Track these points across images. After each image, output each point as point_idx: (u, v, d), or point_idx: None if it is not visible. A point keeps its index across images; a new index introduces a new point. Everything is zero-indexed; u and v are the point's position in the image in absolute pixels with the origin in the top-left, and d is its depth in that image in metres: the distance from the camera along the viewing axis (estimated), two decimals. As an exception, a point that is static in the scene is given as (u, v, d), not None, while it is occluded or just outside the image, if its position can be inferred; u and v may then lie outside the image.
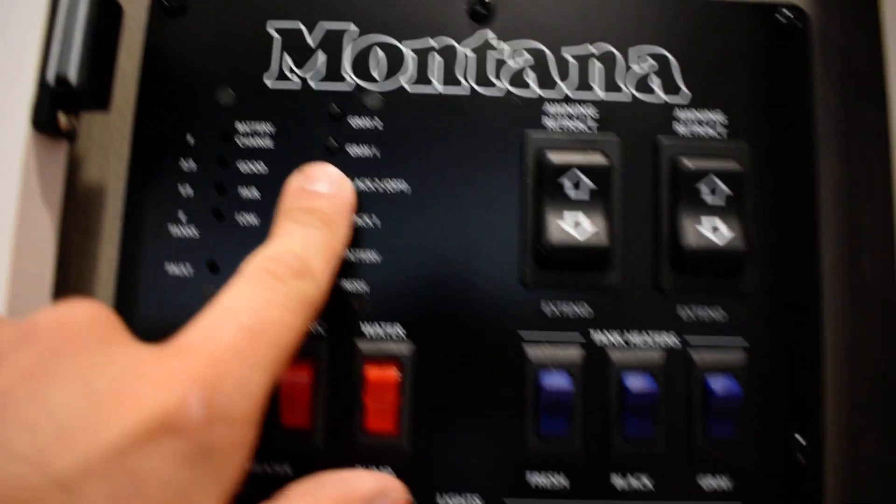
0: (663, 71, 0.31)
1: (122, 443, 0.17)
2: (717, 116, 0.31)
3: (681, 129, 0.31)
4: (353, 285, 0.30)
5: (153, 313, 0.30)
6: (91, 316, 0.19)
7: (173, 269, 0.30)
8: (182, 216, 0.30)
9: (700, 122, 0.31)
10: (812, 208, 0.31)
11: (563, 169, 0.29)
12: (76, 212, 0.31)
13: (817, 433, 0.30)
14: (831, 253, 0.32)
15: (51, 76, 0.26)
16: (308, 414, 0.28)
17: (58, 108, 0.27)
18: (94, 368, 0.18)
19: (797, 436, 0.30)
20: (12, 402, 0.16)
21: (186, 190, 0.30)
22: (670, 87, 0.31)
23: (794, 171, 0.31)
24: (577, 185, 0.29)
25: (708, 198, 0.30)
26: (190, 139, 0.30)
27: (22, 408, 0.16)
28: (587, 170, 0.29)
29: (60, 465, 0.16)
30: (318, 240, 0.26)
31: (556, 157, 0.30)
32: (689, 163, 0.30)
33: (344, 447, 0.29)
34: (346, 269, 0.30)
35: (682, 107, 0.31)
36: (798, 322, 0.30)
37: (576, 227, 0.29)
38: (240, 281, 0.23)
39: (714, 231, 0.29)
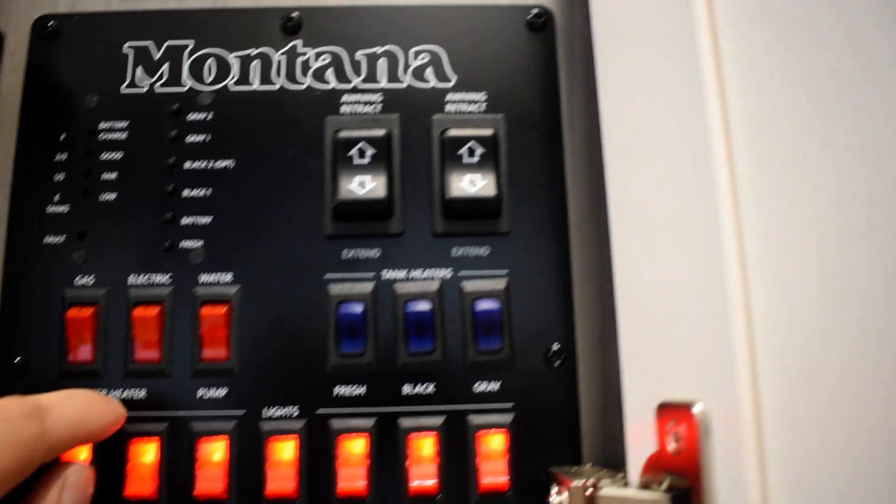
0: (436, 63, 0.39)
1: None
2: (479, 96, 0.39)
3: (450, 107, 0.39)
4: (191, 243, 0.37)
5: (37, 276, 0.37)
6: None
7: (50, 238, 0.38)
8: (56, 197, 0.38)
9: (465, 102, 0.39)
10: (558, 161, 0.39)
11: (353, 142, 0.37)
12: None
13: (570, 341, 0.37)
14: (577, 196, 0.39)
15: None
16: (160, 351, 0.36)
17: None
18: None
19: (553, 344, 0.37)
20: None
21: (59, 176, 0.38)
22: (441, 76, 0.39)
23: (542, 133, 0.39)
24: (361, 154, 0.37)
25: (467, 159, 0.37)
26: (63, 136, 0.38)
27: None
28: (370, 140, 0.37)
29: None
30: (71, 410, 0.29)
31: (345, 134, 0.38)
32: (452, 132, 0.38)
33: (186, 373, 0.36)
34: (185, 229, 0.37)
35: (450, 90, 0.39)
36: (551, 252, 0.38)
37: (360, 185, 0.37)
38: None
39: (471, 183, 0.37)
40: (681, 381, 0.28)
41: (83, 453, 0.35)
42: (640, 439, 0.30)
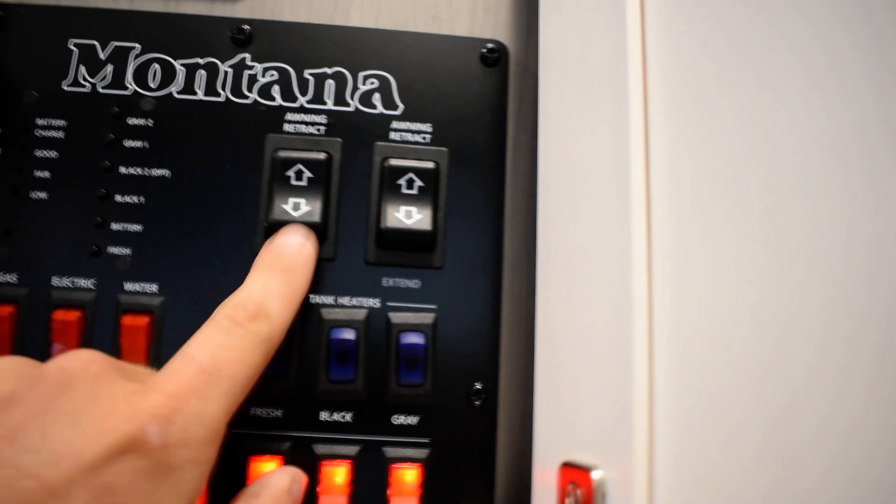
0: (384, 89, 0.39)
1: (96, 461, 0.22)
2: (425, 127, 0.39)
3: (394, 135, 0.39)
4: (119, 249, 0.37)
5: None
6: (87, 363, 0.25)
7: (-26, 233, 0.37)
8: (-15, 191, 0.37)
9: (411, 131, 0.39)
10: (498, 199, 0.38)
11: (291, 162, 0.37)
12: None
13: (493, 380, 0.37)
14: (514, 235, 0.39)
15: None
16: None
17: None
18: (81, 406, 0.23)
19: (476, 384, 0.37)
20: (23, 434, 0.22)
21: (-9, 170, 0.37)
22: (389, 103, 0.39)
23: (485, 170, 0.39)
24: (299, 176, 0.37)
25: (406, 190, 0.37)
26: (-2, 130, 0.38)
27: (29, 438, 0.22)
28: (308, 163, 0.37)
29: (52, 479, 0.22)
30: (277, 285, 0.31)
31: (284, 154, 0.37)
32: (393, 162, 0.38)
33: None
34: (114, 235, 0.37)
35: (397, 118, 0.39)
36: (481, 290, 0.38)
37: (295, 208, 0.36)
38: (204, 327, 0.28)
39: (407, 215, 0.37)
40: (585, 442, 0.28)
41: None
42: (545, 491, 0.30)
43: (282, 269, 0.32)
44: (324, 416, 0.36)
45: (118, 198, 0.37)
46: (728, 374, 0.23)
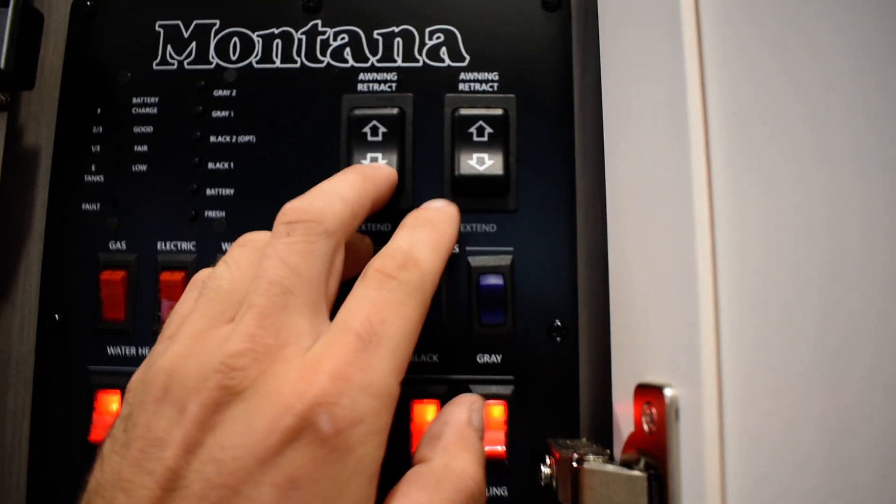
0: (450, 42, 0.40)
1: (272, 452, 0.22)
2: (492, 75, 0.40)
3: (463, 86, 0.40)
4: (214, 213, 0.40)
5: (74, 241, 0.40)
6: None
7: (86, 206, 0.40)
8: (93, 167, 0.41)
9: (478, 81, 0.40)
10: (568, 141, 0.39)
11: (366, 120, 0.39)
12: (19, 165, 0.42)
13: (573, 317, 0.38)
14: (586, 176, 0.40)
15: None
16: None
17: (-4, 88, 0.38)
18: (252, 408, 0.23)
19: (556, 320, 0.38)
20: (202, 447, 0.23)
21: (96, 147, 0.41)
22: (455, 55, 0.40)
23: (553, 113, 0.39)
24: (375, 132, 0.39)
25: (477, 138, 0.38)
26: (99, 110, 0.41)
27: (209, 449, 0.23)
28: (382, 119, 0.39)
29: (236, 481, 0.22)
30: (422, 235, 0.30)
31: (359, 112, 0.39)
32: (463, 111, 0.39)
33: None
34: (209, 200, 0.40)
35: (464, 69, 0.40)
36: (556, 230, 0.39)
37: (372, 162, 0.38)
38: (356, 286, 0.27)
39: (479, 162, 0.38)
40: (659, 365, 0.29)
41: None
42: (624, 417, 0.31)
43: (424, 222, 0.31)
44: (412, 357, 0.38)
45: (210, 165, 0.40)
46: (792, 299, 0.23)
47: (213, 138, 0.40)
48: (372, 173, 0.33)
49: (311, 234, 0.27)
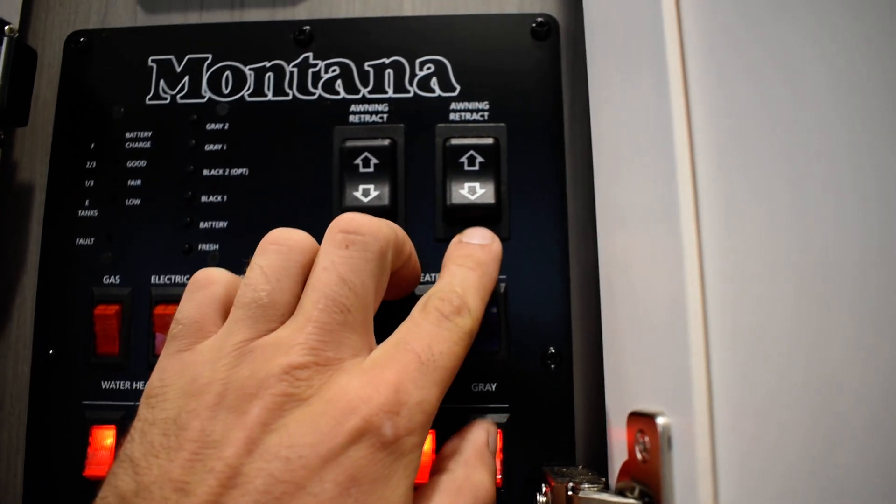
0: (441, 73, 0.41)
1: (336, 451, 0.24)
2: (482, 105, 0.40)
3: (454, 116, 0.40)
4: (208, 246, 0.40)
5: (68, 275, 0.40)
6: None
7: (80, 240, 0.40)
8: (86, 202, 0.41)
9: (469, 111, 0.40)
10: (559, 169, 0.40)
11: (358, 151, 0.39)
12: (13, 200, 0.42)
13: (567, 344, 0.38)
14: (578, 201, 0.40)
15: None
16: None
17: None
18: (318, 410, 0.25)
19: (550, 348, 0.38)
20: (266, 445, 0.24)
21: (90, 182, 0.41)
22: (446, 86, 0.41)
23: (544, 141, 0.40)
24: (366, 163, 0.39)
25: (468, 167, 0.39)
26: (93, 145, 0.41)
27: (273, 448, 0.24)
28: (374, 150, 0.39)
29: (301, 478, 0.24)
30: (472, 279, 0.32)
31: (350, 144, 0.39)
32: (454, 141, 0.39)
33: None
34: (202, 233, 0.40)
35: (454, 99, 0.40)
36: (549, 257, 0.39)
37: (365, 194, 0.38)
38: (416, 316, 0.29)
39: (471, 191, 0.38)
40: (650, 393, 0.29)
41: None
42: (619, 445, 0.31)
43: (474, 264, 0.33)
44: (407, 387, 0.38)
45: (203, 198, 0.40)
46: (784, 327, 0.23)
47: (206, 171, 0.40)
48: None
49: (367, 251, 0.29)
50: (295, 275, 0.29)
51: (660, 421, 0.26)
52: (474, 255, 0.33)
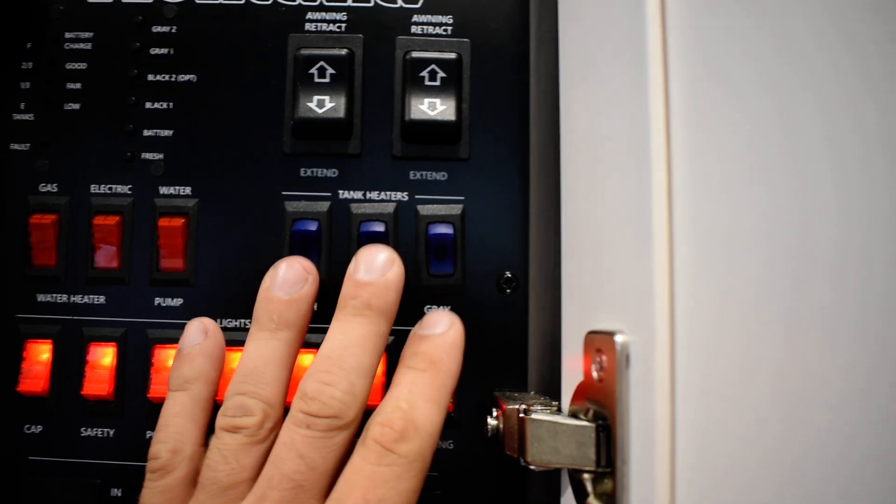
0: (403, -17, 0.39)
1: None
2: (446, 19, 0.38)
3: (415, 29, 0.38)
4: (151, 155, 0.38)
5: (1, 181, 0.38)
6: None
7: (14, 146, 0.38)
8: (21, 105, 0.38)
9: (431, 24, 0.38)
10: (523, 90, 0.38)
11: (313, 60, 0.37)
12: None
13: (524, 269, 0.37)
14: (540, 125, 0.39)
15: None
16: (119, 259, 0.37)
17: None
18: None
19: (506, 272, 0.37)
20: None
21: (25, 84, 0.38)
22: (409, -4, 0.39)
23: (508, 60, 0.38)
24: (322, 73, 0.37)
25: (429, 82, 0.37)
26: (28, 45, 0.39)
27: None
28: (331, 59, 0.37)
29: None
30: (423, 384, 0.29)
31: (306, 52, 0.37)
32: (415, 54, 0.37)
33: (144, 281, 0.37)
34: (146, 141, 0.38)
35: (417, 11, 0.38)
36: (509, 180, 0.38)
37: (319, 105, 0.37)
38: (354, 457, 0.27)
39: (431, 107, 0.37)
40: (610, 311, 0.28)
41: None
42: (573, 368, 0.31)
43: (426, 363, 0.29)
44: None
45: (147, 105, 0.38)
46: (750, 240, 0.23)
47: (150, 76, 0.38)
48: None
49: (331, 430, 0.27)
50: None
51: (618, 339, 0.26)
52: (426, 353, 0.30)
